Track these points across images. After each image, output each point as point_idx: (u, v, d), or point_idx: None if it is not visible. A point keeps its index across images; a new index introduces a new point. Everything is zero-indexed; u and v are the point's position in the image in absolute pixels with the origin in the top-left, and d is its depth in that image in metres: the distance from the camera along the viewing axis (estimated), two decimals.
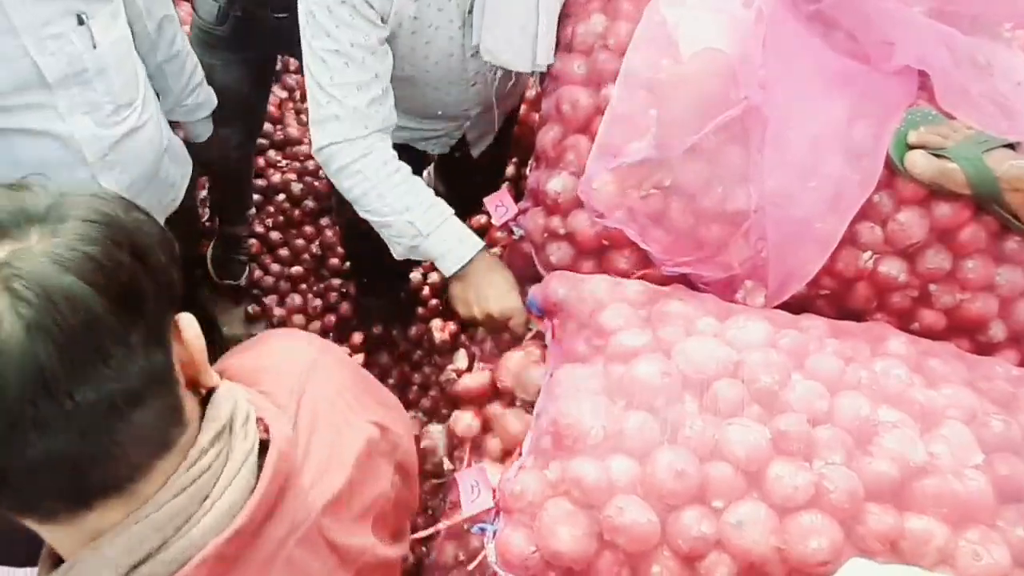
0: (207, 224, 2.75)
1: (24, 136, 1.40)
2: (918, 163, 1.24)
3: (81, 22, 1.38)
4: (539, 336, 1.43)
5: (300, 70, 2.13)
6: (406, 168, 1.54)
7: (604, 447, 1.08)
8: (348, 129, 1.47)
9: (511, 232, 1.55)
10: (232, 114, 2.09)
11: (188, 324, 0.71)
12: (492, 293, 1.48)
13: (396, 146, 1.63)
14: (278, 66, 2.60)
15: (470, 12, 1.55)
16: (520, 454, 1.17)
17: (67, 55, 1.38)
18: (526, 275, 1.61)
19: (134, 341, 0.62)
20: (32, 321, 0.57)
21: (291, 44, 2.19)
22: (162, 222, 1.72)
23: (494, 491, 1.14)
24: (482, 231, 2.14)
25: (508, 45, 1.55)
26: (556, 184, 1.43)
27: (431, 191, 1.54)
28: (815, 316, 1.31)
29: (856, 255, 1.31)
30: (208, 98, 1.87)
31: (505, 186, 1.68)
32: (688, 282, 1.39)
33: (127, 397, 0.62)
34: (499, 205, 1.55)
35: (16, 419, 0.58)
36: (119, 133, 1.50)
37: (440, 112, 1.82)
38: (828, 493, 1.03)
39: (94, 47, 1.41)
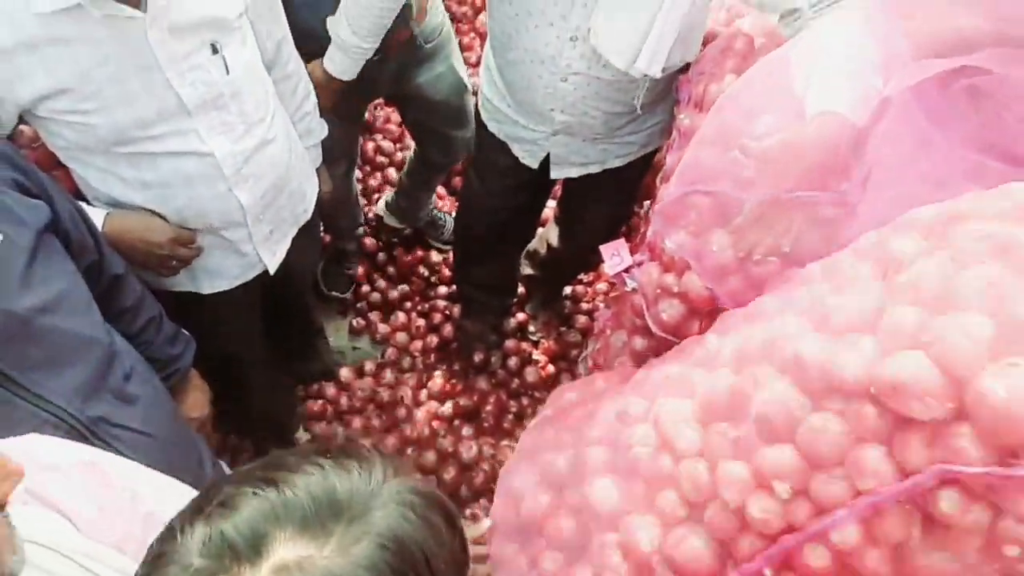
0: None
1: (169, 157, 1.50)
2: None
3: (215, 51, 1.46)
4: None
5: None
6: None
7: None
8: None
9: (624, 282, 1.56)
10: (334, 154, 2.15)
11: None
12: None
13: (498, 148, 2.02)
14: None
15: None
16: None
17: (204, 83, 1.46)
18: (636, 327, 1.62)
19: None
20: None
21: (380, 87, 2.27)
22: (294, 234, 1.82)
23: None
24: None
25: (615, 36, 1.60)
26: (672, 243, 1.43)
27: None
28: None
29: None
30: (319, 127, 1.93)
31: (622, 238, 1.67)
32: None
33: None
34: (614, 254, 1.56)
35: None
36: (251, 147, 1.58)
37: (532, 98, 1.85)
38: None
39: (227, 73, 1.49)
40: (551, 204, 2.62)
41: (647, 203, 2.31)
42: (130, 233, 1.54)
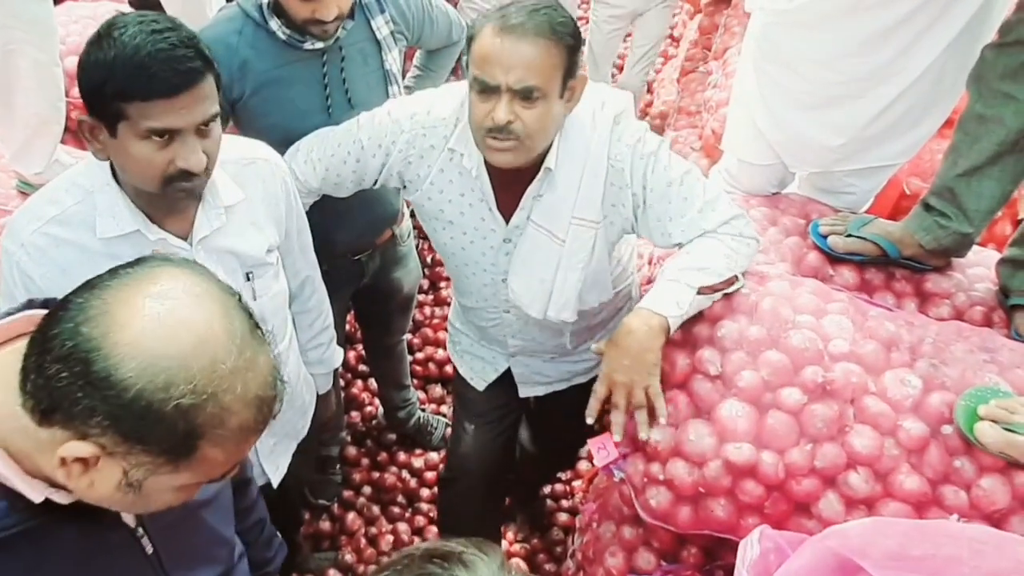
0: None
1: None
2: (987, 433, 1.36)
3: (248, 279, 1.65)
4: None
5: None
6: None
7: None
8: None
9: (612, 474, 1.67)
10: None
11: None
12: None
13: (458, 379, 2.19)
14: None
15: (506, 241, 1.81)
16: None
17: None
18: (624, 516, 1.72)
19: None
20: None
21: (365, 278, 2.49)
22: (294, 447, 1.93)
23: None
24: None
25: (526, 290, 1.82)
26: (655, 434, 1.57)
27: None
28: None
29: (942, 517, 1.40)
30: (332, 358, 2.09)
31: (608, 433, 1.78)
32: None
33: None
34: (601, 448, 1.68)
35: None
36: None
37: (486, 328, 2.04)
38: None
39: (254, 299, 1.66)
40: None
41: None
42: None
